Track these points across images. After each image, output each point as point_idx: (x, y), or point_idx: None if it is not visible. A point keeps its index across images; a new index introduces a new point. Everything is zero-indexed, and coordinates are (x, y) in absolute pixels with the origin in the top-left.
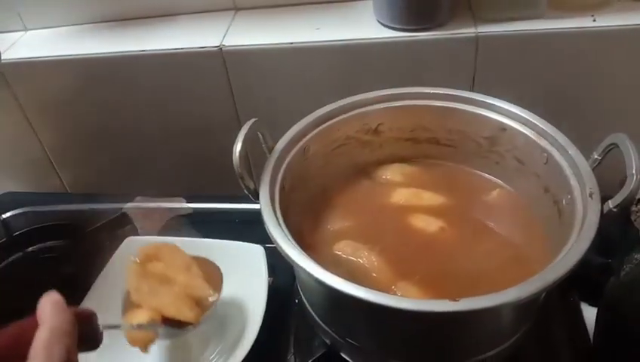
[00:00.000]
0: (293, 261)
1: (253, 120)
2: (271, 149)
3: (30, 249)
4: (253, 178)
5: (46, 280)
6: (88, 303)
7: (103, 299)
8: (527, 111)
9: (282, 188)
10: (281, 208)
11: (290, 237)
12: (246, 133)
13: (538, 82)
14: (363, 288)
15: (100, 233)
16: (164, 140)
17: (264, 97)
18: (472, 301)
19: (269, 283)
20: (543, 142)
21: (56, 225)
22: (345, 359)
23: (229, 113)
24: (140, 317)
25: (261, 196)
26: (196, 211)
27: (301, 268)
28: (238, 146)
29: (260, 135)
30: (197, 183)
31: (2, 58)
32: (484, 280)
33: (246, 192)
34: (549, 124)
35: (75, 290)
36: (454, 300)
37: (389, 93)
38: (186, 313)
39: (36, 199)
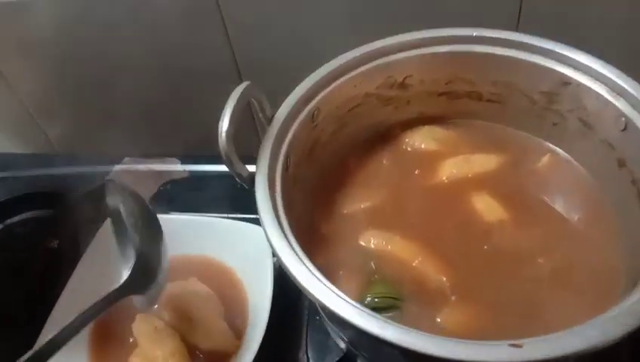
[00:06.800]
0: (309, 292)
1: (244, 84)
2: (270, 119)
3: (9, 221)
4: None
5: (27, 256)
6: (75, 281)
7: (90, 278)
8: (600, 61)
9: (285, 169)
10: (284, 197)
11: (297, 246)
12: (235, 105)
13: (612, 21)
14: (390, 325)
15: (87, 201)
16: (155, 92)
17: (265, 45)
18: (540, 346)
19: (274, 264)
20: (622, 104)
21: (38, 193)
22: None
23: (227, 62)
24: None
25: (257, 185)
26: (192, 174)
27: (318, 301)
28: (224, 124)
29: (254, 103)
30: (192, 142)
31: None
32: (545, 294)
33: (238, 180)
34: (630, 80)
35: (59, 267)
36: (516, 345)
37: (420, 37)
38: None
39: (17, 162)
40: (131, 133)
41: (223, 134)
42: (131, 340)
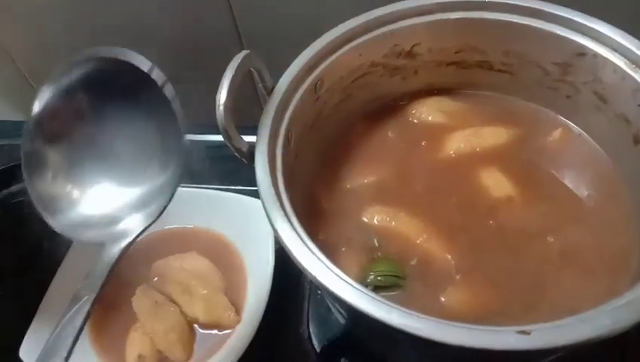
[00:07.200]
0: (311, 274)
1: (243, 54)
2: (270, 90)
3: (7, 191)
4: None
5: (25, 225)
6: (75, 250)
7: (90, 247)
8: (620, 31)
9: (287, 143)
10: (284, 173)
11: (297, 224)
12: (233, 75)
13: None
14: (395, 309)
15: None
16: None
17: (267, 10)
18: (548, 333)
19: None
20: None
21: None
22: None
23: (228, 28)
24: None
25: (257, 161)
26: (193, 144)
27: (321, 284)
28: (222, 96)
29: (254, 72)
30: (194, 110)
31: None
32: (553, 275)
33: (237, 155)
34: None
35: (57, 237)
36: (524, 332)
37: (428, 2)
38: (175, 353)
39: (15, 129)
40: None
41: (221, 107)
42: (134, 313)
